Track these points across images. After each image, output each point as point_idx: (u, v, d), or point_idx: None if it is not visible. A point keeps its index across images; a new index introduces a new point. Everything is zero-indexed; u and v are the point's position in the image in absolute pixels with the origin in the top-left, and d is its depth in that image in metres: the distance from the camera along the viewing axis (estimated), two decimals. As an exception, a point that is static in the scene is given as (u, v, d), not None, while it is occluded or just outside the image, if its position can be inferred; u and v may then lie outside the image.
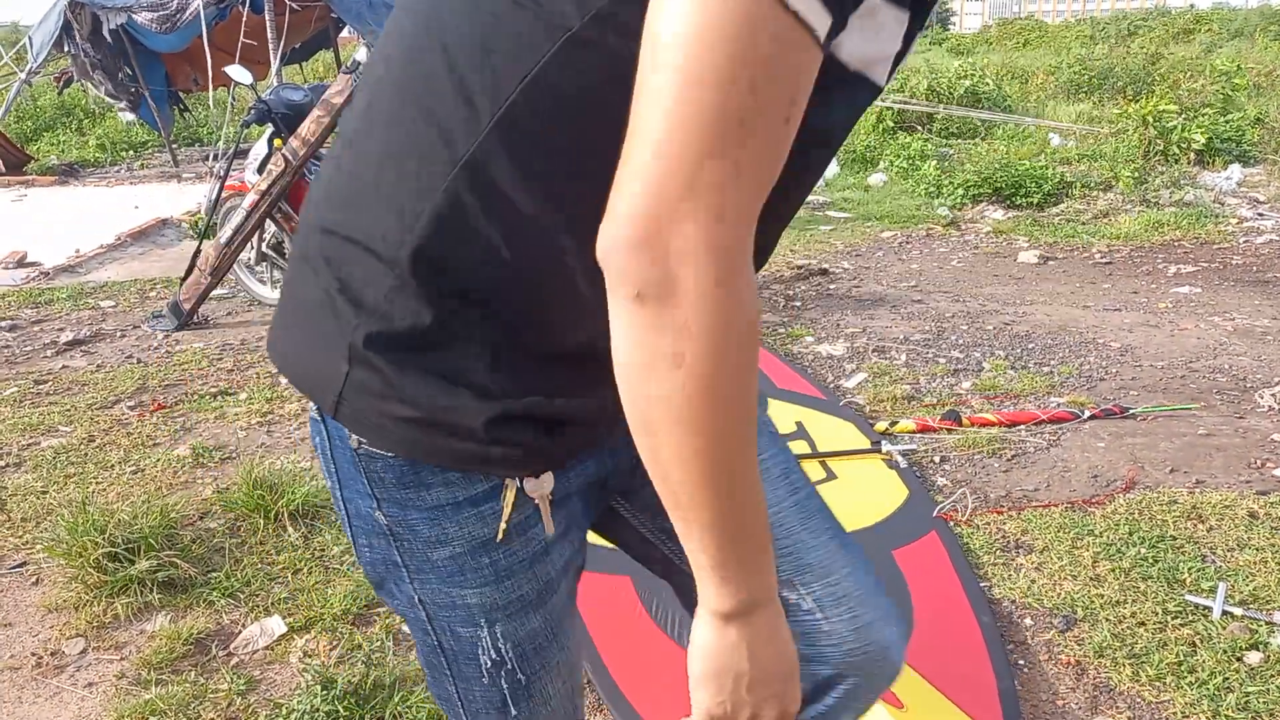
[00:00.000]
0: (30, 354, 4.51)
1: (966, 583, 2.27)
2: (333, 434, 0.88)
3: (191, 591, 2.47)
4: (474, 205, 0.74)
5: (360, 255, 0.80)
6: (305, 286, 0.87)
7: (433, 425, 0.81)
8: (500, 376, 0.79)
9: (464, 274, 0.77)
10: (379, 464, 0.86)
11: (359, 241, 0.81)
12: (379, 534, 0.91)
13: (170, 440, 3.48)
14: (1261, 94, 11.08)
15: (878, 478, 2.76)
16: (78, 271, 6.11)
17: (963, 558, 2.40)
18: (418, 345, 0.79)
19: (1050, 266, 5.76)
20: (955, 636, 2.08)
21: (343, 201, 0.84)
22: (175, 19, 8.22)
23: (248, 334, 4.77)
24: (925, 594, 2.22)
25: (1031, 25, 30.93)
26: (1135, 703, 1.99)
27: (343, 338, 0.81)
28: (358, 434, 0.85)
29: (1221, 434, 3.28)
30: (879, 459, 2.88)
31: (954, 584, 2.25)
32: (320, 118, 4.57)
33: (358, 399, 0.82)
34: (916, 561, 2.35)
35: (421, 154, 0.76)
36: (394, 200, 0.78)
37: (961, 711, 1.79)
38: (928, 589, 2.24)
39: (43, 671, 2.22)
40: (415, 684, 2.09)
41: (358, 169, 0.83)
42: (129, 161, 10.72)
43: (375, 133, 0.81)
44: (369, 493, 0.88)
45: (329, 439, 0.90)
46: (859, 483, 2.72)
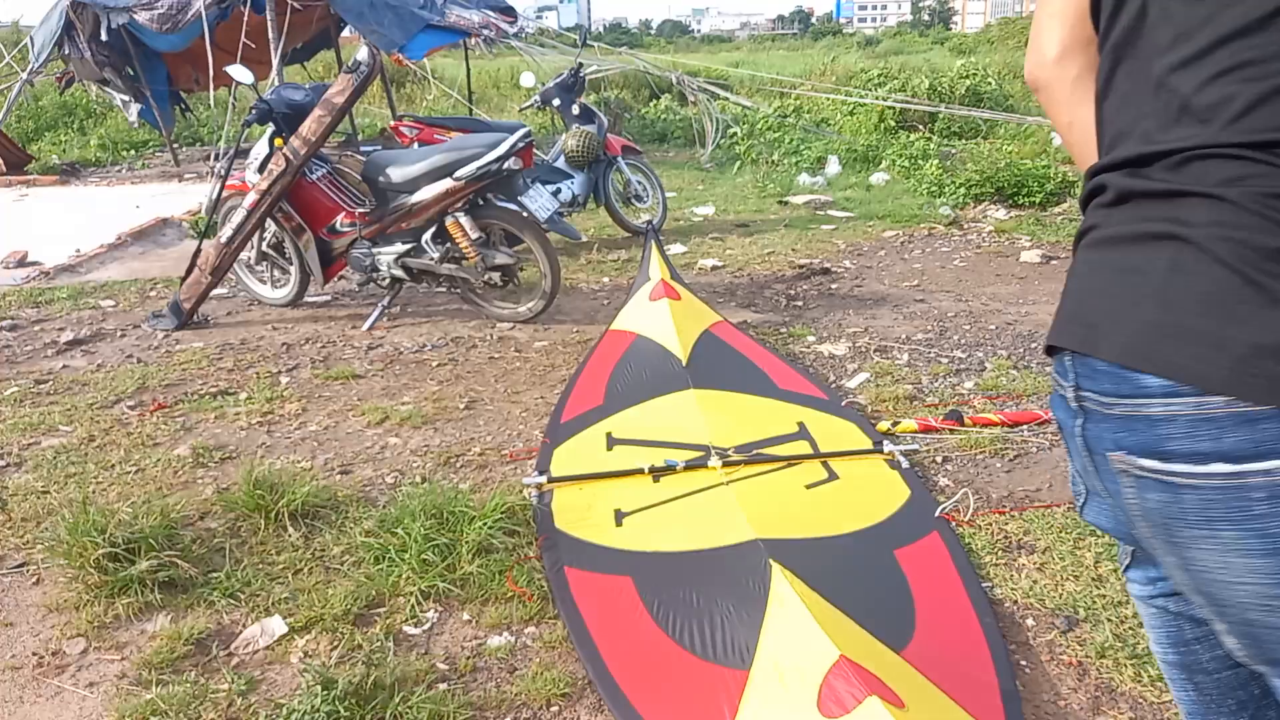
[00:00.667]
0: (31, 353, 4.51)
1: (968, 583, 2.26)
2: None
3: (192, 591, 2.47)
4: None
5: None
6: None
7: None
8: None
9: None
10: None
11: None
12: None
13: (170, 440, 3.48)
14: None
15: (880, 478, 2.75)
16: (78, 271, 6.11)
17: (965, 558, 2.40)
18: None
19: (1053, 266, 5.75)
20: (957, 637, 2.07)
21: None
22: (177, 19, 8.22)
23: (248, 333, 4.77)
24: (927, 594, 2.21)
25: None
26: (1138, 703, 1.99)
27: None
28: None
29: (1224, 434, 3.27)
30: (881, 459, 2.87)
31: (956, 584, 2.25)
32: (321, 117, 4.57)
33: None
34: (918, 562, 2.34)
35: None
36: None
37: (964, 711, 1.78)
38: (929, 589, 2.23)
39: (44, 671, 2.21)
40: (416, 684, 2.09)
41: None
42: (130, 161, 10.73)
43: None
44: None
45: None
46: (861, 483, 2.72)
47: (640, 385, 3.18)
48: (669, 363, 3.25)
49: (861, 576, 2.24)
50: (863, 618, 2.00)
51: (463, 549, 2.55)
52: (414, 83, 13.81)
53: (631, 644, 2.10)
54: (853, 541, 2.38)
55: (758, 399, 3.05)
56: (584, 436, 3.00)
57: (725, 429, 2.88)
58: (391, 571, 2.49)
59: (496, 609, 2.38)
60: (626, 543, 2.47)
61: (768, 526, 2.34)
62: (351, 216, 4.80)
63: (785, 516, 2.46)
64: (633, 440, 2.89)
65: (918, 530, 2.46)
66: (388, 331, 4.75)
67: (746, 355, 3.33)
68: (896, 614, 2.08)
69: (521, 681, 2.12)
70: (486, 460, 3.25)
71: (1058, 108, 1.18)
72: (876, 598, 2.14)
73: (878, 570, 2.27)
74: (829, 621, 1.89)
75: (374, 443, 3.43)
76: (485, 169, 4.40)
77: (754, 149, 9.10)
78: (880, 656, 1.86)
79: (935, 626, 2.08)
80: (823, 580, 2.10)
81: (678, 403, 3.07)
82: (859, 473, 2.75)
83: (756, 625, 1.96)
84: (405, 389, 3.96)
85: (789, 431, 2.86)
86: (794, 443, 2.84)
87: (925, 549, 2.39)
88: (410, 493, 2.84)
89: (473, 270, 4.63)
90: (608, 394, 3.20)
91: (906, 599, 2.16)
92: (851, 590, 2.13)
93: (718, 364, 3.22)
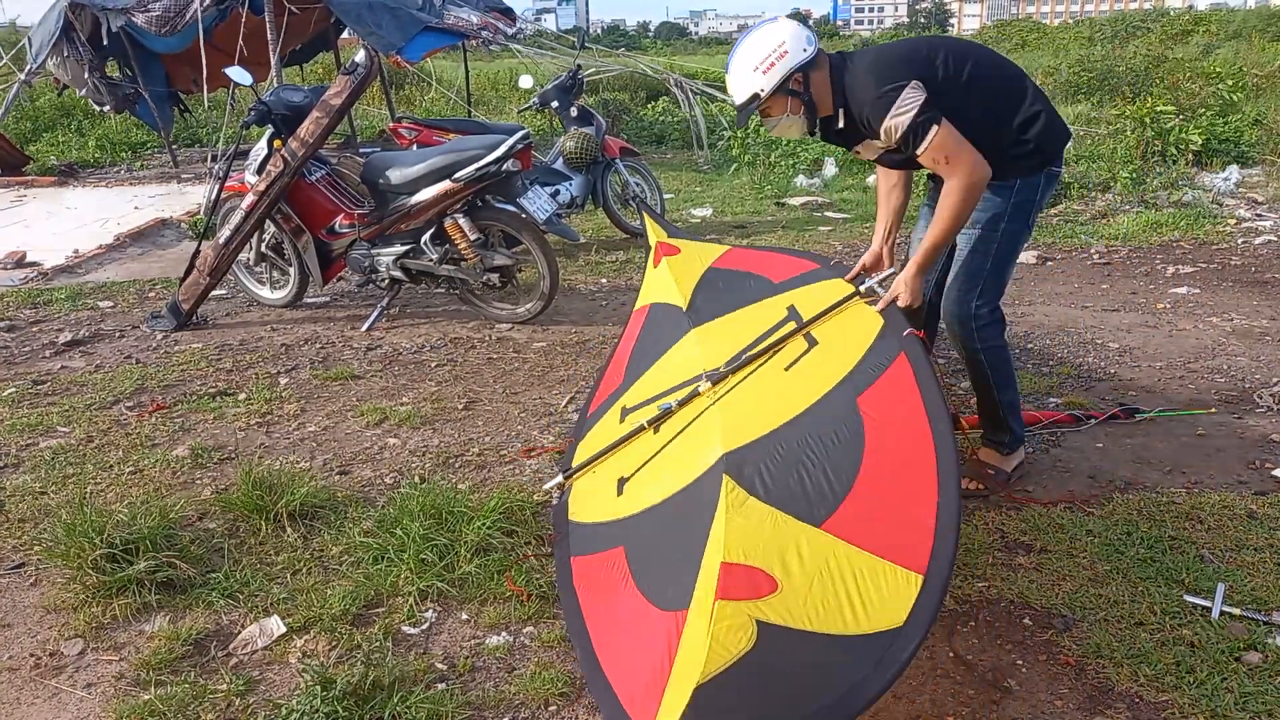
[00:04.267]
0: (29, 354, 4.51)
1: (930, 404, 2.16)
2: None
3: (190, 592, 2.47)
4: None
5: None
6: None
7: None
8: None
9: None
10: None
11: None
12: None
13: (169, 441, 3.48)
14: (1260, 95, 11.09)
15: (856, 321, 2.63)
16: (77, 272, 6.10)
17: (930, 372, 2.28)
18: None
19: (1049, 267, 5.76)
20: (904, 475, 2.03)
21: None
22: (175, 21, 8.21)
23: (246, 334, 4.77)
24: (881, 437, 2.15)
25: (1029, 26, 30.97)
26: (1134, 703, 2.00)
27: None
28: None
29: (1220, 434, 3.28)
30: (861, 301, 2.71)
31: (916, 411, 2.15)
32: (319, 119, 4.57)
33: None
34: (879, 401, 2.26)
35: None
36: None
37: (879, 558, 1.78)
38: (886, 429, 2.17)
39: (41, 673, 2.21)
40: (414, 684, 2.09)
41: None
42: (128, 162, 10.72)
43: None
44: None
45: None
46: (837, 338, 2.60)
47: (652, 351, 3.11)
48: (674, 316, 3.17)
49: (812, 449, 2.18)
50: (789, 502, 2.01)
51: (461, 549, 2.55)
52: (412, 84, 13.82)
53: (615, 618, 2.07)
54: (813, 414, 2.32)
55: (752, 307, 2.94)
56: (603, 421, 2.95)
57: (718, 351, 2.78)
58: (390, 571, 2.49)
59: (495, 609, 2.38)
60: (623, 510, 2.43)
61: (736, 436, 2.30)
62: (350, 218, 4.80)
63: (758, 414, 2.40)
64: (641, 404, 2.83)
65: (885, 360, 2.37)
66: (386, 332, 4.75)
67: (748, 270, 3.20)
68: (837, 477, 2.05)
69: (520, 681, 2.13)
70: (485, 460, 3.26)
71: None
72: (820, 467, 2.10)
73: (833, 433, 2.20)
74: (741, 529, 1.93)
75: (373, 443, 3.43)
76: (484, 171, 4.41)
77: (751, 151, 9.11)
78: (785, 541, 1.90)
79: (880, 473, 2.05)
80: (770, 478, 2.10)
81: (681, 349, 3.00)
82: (837, 327, 2.63)
83: (700, 555, 1.95)
84: (404, 390, 3.96)
85: (778, 320, 2.74)
86: (781, 328, 2.71)
87: (889, 382, 2.31)
88: (409, 493, 2.84)
89: (471, 271, 4.64)
90: (626, 372, 3.15)
91: (855, 452, 2.11)
92: (793, 472, 2.10)
93: (717, 294, 3.11)
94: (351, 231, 4.79)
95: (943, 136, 2.47)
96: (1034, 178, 2.69)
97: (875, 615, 1.72)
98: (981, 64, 2.65)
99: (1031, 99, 2.65)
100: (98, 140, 11.17)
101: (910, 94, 2.47)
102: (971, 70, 2.59)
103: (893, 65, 2.56)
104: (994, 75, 2.66)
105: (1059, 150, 2.74)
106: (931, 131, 2.46)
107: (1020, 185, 2.68)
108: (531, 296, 4.75)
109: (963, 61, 2.60)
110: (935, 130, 2.46)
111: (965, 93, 2.56)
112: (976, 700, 2.03)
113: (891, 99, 2.48)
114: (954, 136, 2.48)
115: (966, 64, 2.60)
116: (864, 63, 2.59)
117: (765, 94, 2.56)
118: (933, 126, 2.46)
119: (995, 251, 2.74)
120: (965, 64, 2.60)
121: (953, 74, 2.56)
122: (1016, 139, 2.62)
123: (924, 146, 2.49)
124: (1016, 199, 2.69)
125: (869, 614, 1.72)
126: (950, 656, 2.17)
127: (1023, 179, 2.68)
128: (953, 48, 2.68)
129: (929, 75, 2.53)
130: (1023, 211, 2.71)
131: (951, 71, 2.57)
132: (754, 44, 2.57)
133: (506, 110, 12.93)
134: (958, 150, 2.48)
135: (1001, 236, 2.72)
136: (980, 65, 2.63)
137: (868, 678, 1.59)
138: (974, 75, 2.59)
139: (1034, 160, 2.66)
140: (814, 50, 2.55)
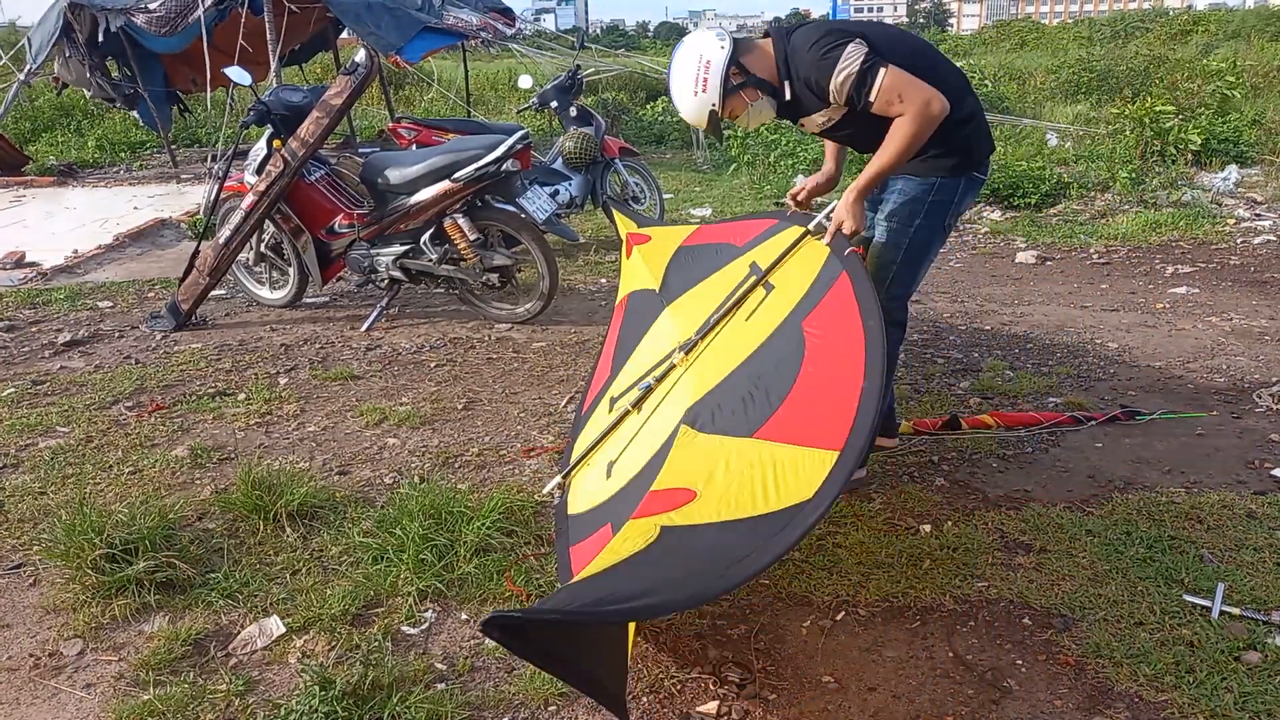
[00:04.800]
0: (28, 355, 4.51)
1: (865, 313, 2.21)
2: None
3: (190, 592, 2.47)
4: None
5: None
6: None
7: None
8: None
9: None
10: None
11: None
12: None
13: (168, 441, 3.48)
14: (1259, 95, 11.09)
15: (806, 257, 2.65)
16: (76, 272, 6.10)
17: (867, 286, 2.32)
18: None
19: (1048, 267, 5.77)
20: (835, 380, 2.10)
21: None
22: (175, 21, 8.20)
23: (246, 334, 4.77)
24: (819, 354, 2.22)
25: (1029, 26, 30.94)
26: (1134, 702, 2.00)
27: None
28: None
29: (1219, 434, 3.28)
30: (811, 240, 2.71)
31: (853, 323, 2.21)
32: (319, 119, 4.57)
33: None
34: (821, 321, 2.33)
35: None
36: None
37: (804, 447, 1.86)
38: (824, 347, 2.24)
39: (41, 673, 2.21)
40: (414, 684, 2.09)
41: None
42: (128, 162, 10.71)
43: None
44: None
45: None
46: (789, 278, 2.62)
47: (633, 338, 3.17)
48: (649, 300, 3.23)
49: (759, 379, 2.27)
50: (731, 426, 2.15)
51: (461, 549, 2.55)
52: (412, 84, 13.82)
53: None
54: (764, 348, 2.40)
55: (719, 273, 2.98)
56: (595, 415, 2.99)
57: (690, 321, 2.84)
58: (389, 572, 2.49)
59: (495, 609, 2.38)
60: (610, 490, 2.47)
61: (700, 389, 2.38)
62: (350, 218, 4.80)
63: (716, 365, 2.48)
64: (626, 390, 2.88)
65: (828, 283, 2.43)
66: (386, 332, 4.75)
67: (716, 241, 3.26)
68: (773, 393, 2.16)
69: (520, 681, 2.12)
70: (485, 460, 3.26)
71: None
72: (763, 390, 2.20)
73: (779, 357, 2.29)
74: (680, 460, 2.10)
75: (372, 443, 3.43)
76: (483, 171, 4.41)
77: (750, 151, 9.11)
78: (717, 458, 2.05)
79: (813, 380, 2.13)
80: (719, 413, 2.23)
81: (656, 329, 3.06)
82: (790, 268, 2.67)
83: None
84: (403, 390, 3.96)
85: (741, 278, 2.77)
86: (744, 285, 2.73)
87: (831, 299, 2.37)
88: (408, 493, 2.84)
89: (471, 271, 4.64)
90: (613, 364, 3.19)
91: (794, 368, 2.19)
92: (738, 402, 2.22)
93: (686, 269, 3.17)
94: (351, 231, 4.79)
95: (891, 78, 2.46)
96: (955, 180, 2.69)
97: (785, 493, 1.79)
98: (923, 52, 2.67)
99: (965, 101, 2.64)
100: (97, 140, 11.17)
101: (853, 49, 2.48)
102: (912, 54, 2.59)
103: (832, 30, 2.58)
104: (937, 64, 2.66)
105: (984, 158, 2.75)
106: (880, 74, 2.46)
107: (940, 184, 2.68)
108: (531, 296, 4.75)
109: (905, 45, 2.62)
110: (883, 73, 2.46)
111: (908, 69, 2.53)
112: (976, 700, 2.03)
113: (835, 57, 2.49)
114: (904, 76, 2.47)
115: (908, 48, 2.61)
116: (803, 34, 2.61)
117: (718, 105, 2.61)
118: (880, 69, 2.46)
119: (907, 247, 2.74)
120: (906, 48, 2.60)
121: (897, 53, 2.54)
122: (954, 129, 2.59)
123: (875, 91, 2.47)
124: (935, 197, 2.70)
125: (780, 494, 1.80)
126: (950, 656, 2.17)
127: (943, 179, 2.68)
128: (895, 35, 2.71)
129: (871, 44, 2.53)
130: (938, 211, 2.72)
131: (895, 51, 2.55)
132: (680, 74, 2.62)
133: (506, 110, 12.92)
134: (910, 87, 2.46)
135: (915, 233, 2.73)
136: (921, 54, 2.65)
137: (752, 554, 1.66)
138: (916, 60, 2.57)
139: (959, 159, 2.67)
140: (729, 41, 2.60)
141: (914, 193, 2.70)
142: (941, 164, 2.66)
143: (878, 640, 2.23)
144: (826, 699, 2.05)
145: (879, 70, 2.45)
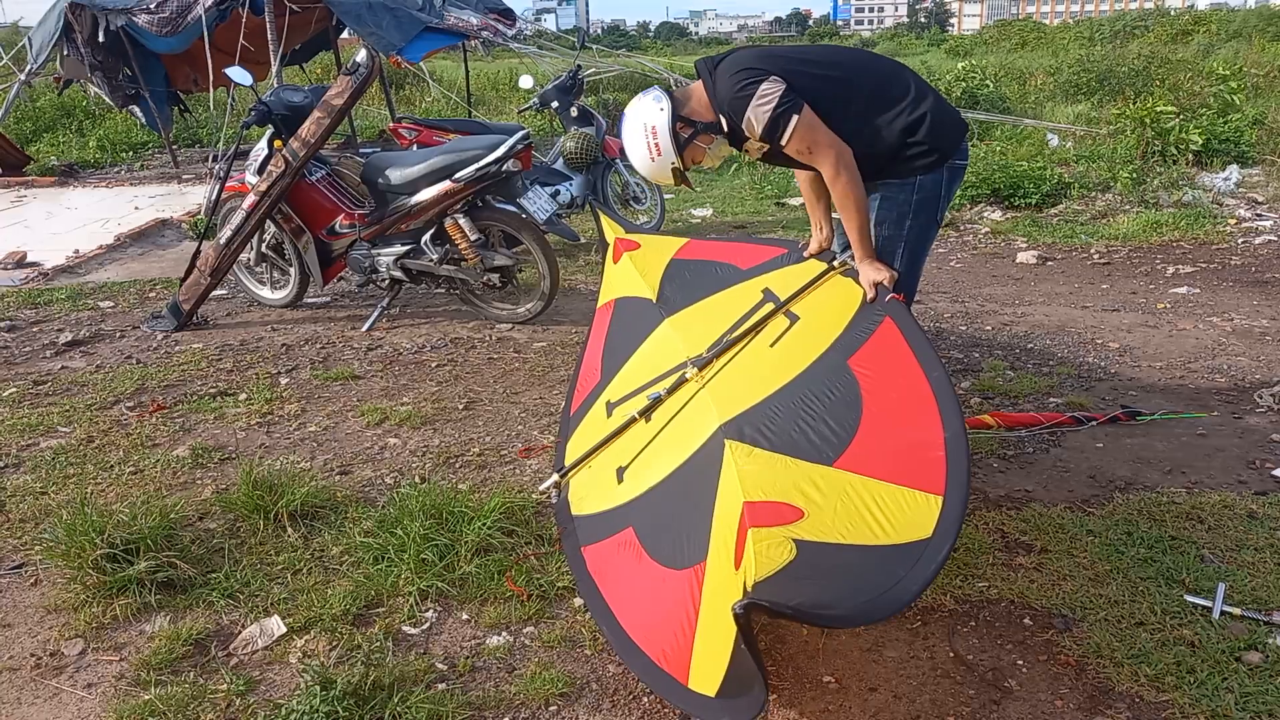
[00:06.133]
0: (29, 355, 4.51)
1: (920, 354, 2.27)
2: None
3: (191, 592, 2.47)
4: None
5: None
6: None
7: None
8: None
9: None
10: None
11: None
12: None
13: (169, 441, 3.48)
14: (1260, 95, 11.09)
15: (835, 294, 2.73)
16: (77, 272, 6.11)
17: (915, 328, 2.39)
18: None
19: (1049, 267, 5.77)
20: (906, 413, 2.13)
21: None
22: (176, 22, 8.21)
23: (247, 334, 4.77)
24: (878, 388, 2.25)
25: (1030, 26, 30.95)
26: (1134, 702, 2.00)
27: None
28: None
29: (1220, 434, 3.28)
30: (836, 275, 2.82)
31: (909, 362, 2.26)
32: (320, 119, 4.57)
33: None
34: (871, 359, 2.36)
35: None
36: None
37: (894, 485, 1.87)
38: (881, 381, 2.27)
39: (42, 673, 2.22)
40: (414, 684, 2.09)
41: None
42: (129, 162, 10.72)
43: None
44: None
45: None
46: (818, 311, 2.70)
47: (626, 344, 3.18)
48: (644, 308, 3.24)
49: (809, 406, 2.28)
50: (795, 449, 2.12)
51: (461, 549, 2.55)
52: (413, 85, 13.83)
53: (635, 591, 2.12)
54: (805, 377, 2.42)
55: (725, 292, 3.03)
56: (589, 418, 3.00)
57: (698, 337, 2.86)
58: (390, 571, 2.50)
59: (495, 609, 2.38)
60: (626, 495, 2.48)
61: (731, 407, 2.38)
62: (351, 218, 4.80)
63: (748, 387, 2.48)
64: (626, 396, 2.89)
65: (871, 324, 2.48)
66: (387, 332, 4.75)
67: (712, 259, 3.30)
68: (840, 425, 2.17)
69: (520, 681, 2.13)
70: (485, 460, 3.26)
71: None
72: (820, 419, 2.21)
73: (828, 391, 2.31)
74: (754, 474, 2.03)
75: (373, 443, 3.43)
76: (484, 171, 4.41)
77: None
78: (800, 479, 2.01)
79: (883, 420, 2.15)
80: (771, 433, 2.20)
81: (657, 339, 3.07)
82: (817, 302, 2.74)
83: (711, 510, 2.05)
84: (404, 390, 3.97)
85: (754, 303, 2.83)
86: (759, 310, 2.80)
87: (878, 342, 2.41)
88: (409, 493, 2.84)
89: (472, 272, 4.64)
90: (603, 368, 3.21)
91: (855, 404, 2.21)
92: (793, 426, 2.21)
93: (685, 284, 3.21)
94: (352, 232, 4.79)
95: (803, 125, 2.51)
96: (935, 174, 2.70)
97: (902, 529, 1.82)
98: (849, 70, 2.68)
99: (913, 102, 2.63)
100: (98, 140, 11.17)
101: (769, 86, 2.50)
102: (839, 79, 2.62)
103: (748, 67, 2.59)
104: (864, 82, 2.66)
105: (957, 143, 2.74)
106: (792, 121, 2.50)
107: (921, 182, 2.70)
108: (532, 296, 4.76)
109: (828, 69, 2.65)
110: (795, 119, 2.50)
111: (835, 102, 2.57)
112: (976, 700, 2.03)
113: (749, 94, 2.52)
114: (813, 122, 2.52)
115: (832, 72, 2.64)
116: (726, 65, 2.64)
117: (676, 161, 2.69)
118: (793, 116, 2.50)
119: (904, 250, 2.75)
120: (819, 79, 2.61)
121: (813, 86, 2.57)
122: (903, 142, 2.62)
123: (787, 137, 2.52)
124: (919, 195, 2.71)
125: (896, 529, 1.82)
126: (950, 656, 2.17)
127: (924, 176, 2.69)
128: (815, 57, 2.74)
129: (791, 79, 2.55)
130: (927, 207, 2.73)
131: (816, 80, 2.58)
132: (633, 145, 2.72)
133: (506, 110, 12.92)
134: (815, 137, 2.52)
135: (909, 234, 2.74)
136: (848, 73, 2.66)
137: (910, 574, 1.69)
138: (841, 84, 2.61)
139: (932, 158, 2.67)
140: (665, 97, 2.69)
141: (899, 196, 2.71)
142: (916, 164, 2.67)
143: (878, 640, 2.23)
144: (827, 699, 2.05)
145: (791, 117, 2.50)
